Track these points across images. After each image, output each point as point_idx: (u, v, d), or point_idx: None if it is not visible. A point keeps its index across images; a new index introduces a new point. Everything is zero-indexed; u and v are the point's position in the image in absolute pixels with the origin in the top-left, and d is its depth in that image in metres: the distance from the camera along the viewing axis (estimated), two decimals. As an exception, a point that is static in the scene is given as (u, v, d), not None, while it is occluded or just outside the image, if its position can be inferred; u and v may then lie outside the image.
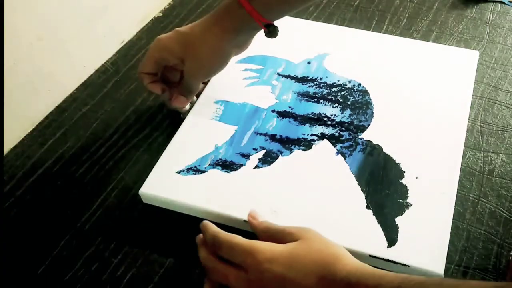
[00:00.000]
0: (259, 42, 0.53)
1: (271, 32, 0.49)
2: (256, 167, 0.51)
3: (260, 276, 0.37)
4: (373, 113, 0.55)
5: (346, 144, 0.52)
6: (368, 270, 0.36)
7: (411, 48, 0.63)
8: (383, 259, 0.43)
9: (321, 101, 0.57)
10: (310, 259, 0.37)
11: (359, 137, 0.53)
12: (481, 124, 0.55)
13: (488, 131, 0.54)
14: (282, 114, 0.56)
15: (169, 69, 0.54)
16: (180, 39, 0.50)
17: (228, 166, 0.51)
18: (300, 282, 0.36)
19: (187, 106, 0.57)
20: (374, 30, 0.68)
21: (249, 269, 0.38)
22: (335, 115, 0.55)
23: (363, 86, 0.58)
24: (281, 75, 0.61)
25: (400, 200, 0.47)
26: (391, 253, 0.43)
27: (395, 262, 0.42)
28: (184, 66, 0.51)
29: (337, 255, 0.38)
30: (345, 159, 0.51)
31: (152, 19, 0.74)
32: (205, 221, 0.43)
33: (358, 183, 0.49)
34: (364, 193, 0.48)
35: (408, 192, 0.48)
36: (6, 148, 0.57)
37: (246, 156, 0.52)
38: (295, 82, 0.60)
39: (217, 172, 0.50)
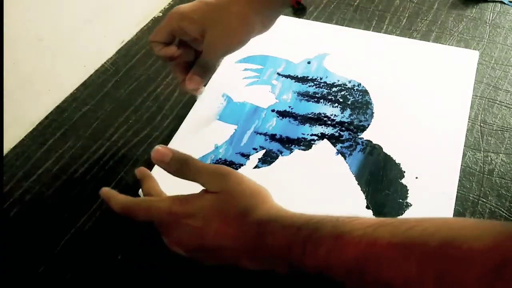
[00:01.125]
0: (259, 42, 0.53)
1: (301, 9, 0.48)
2: (256, 167, 0.51)
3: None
4: (373, 113, 0.55)
5: (346, 144, 0.52)
6: (285, 213, 0.36)
7: (411, 48, 0.63)
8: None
9: (321, 101, 0.57)
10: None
11: (359, 137, 0.53)
12: (481, 124, 0.55)
13: (488, 131, 0.54)
14: (282, 114, 0.56)
15: (183, 47, 0.51)
16: (204, 9, 0.48)
17: (228, 165, 0.51)
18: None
19: (202, 89, 0.54)
20: (374, 30, 0.68)
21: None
22: (335, 115, 0.55)
23: (363, 86, 0.58)
24: (281, 75, 0.61)
25: (400, 200, 0.47)
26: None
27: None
28: (204, 39, 0.48)
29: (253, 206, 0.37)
30: (345, 159, 0.51)
31: (152, 19, 0.74)
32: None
33: (358, 183, 0.49)
34: (364, 193, 0.48)
35: (408, 192, 0.48)
36: (6, 148, 0.57)
37: (246, 156, 0.52)
38: (295, 82, 0.60)
39: (217, 172, 0.50)
